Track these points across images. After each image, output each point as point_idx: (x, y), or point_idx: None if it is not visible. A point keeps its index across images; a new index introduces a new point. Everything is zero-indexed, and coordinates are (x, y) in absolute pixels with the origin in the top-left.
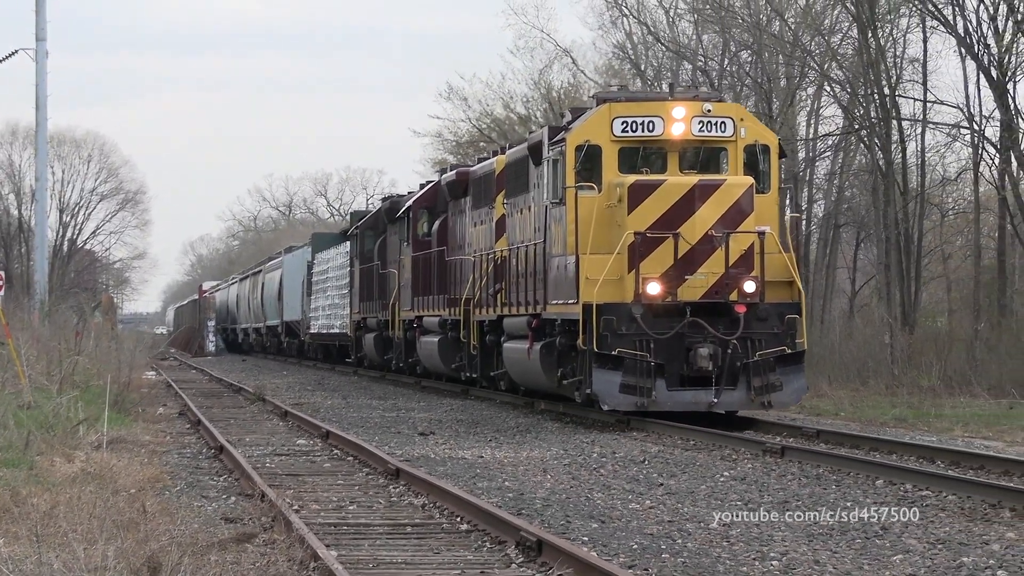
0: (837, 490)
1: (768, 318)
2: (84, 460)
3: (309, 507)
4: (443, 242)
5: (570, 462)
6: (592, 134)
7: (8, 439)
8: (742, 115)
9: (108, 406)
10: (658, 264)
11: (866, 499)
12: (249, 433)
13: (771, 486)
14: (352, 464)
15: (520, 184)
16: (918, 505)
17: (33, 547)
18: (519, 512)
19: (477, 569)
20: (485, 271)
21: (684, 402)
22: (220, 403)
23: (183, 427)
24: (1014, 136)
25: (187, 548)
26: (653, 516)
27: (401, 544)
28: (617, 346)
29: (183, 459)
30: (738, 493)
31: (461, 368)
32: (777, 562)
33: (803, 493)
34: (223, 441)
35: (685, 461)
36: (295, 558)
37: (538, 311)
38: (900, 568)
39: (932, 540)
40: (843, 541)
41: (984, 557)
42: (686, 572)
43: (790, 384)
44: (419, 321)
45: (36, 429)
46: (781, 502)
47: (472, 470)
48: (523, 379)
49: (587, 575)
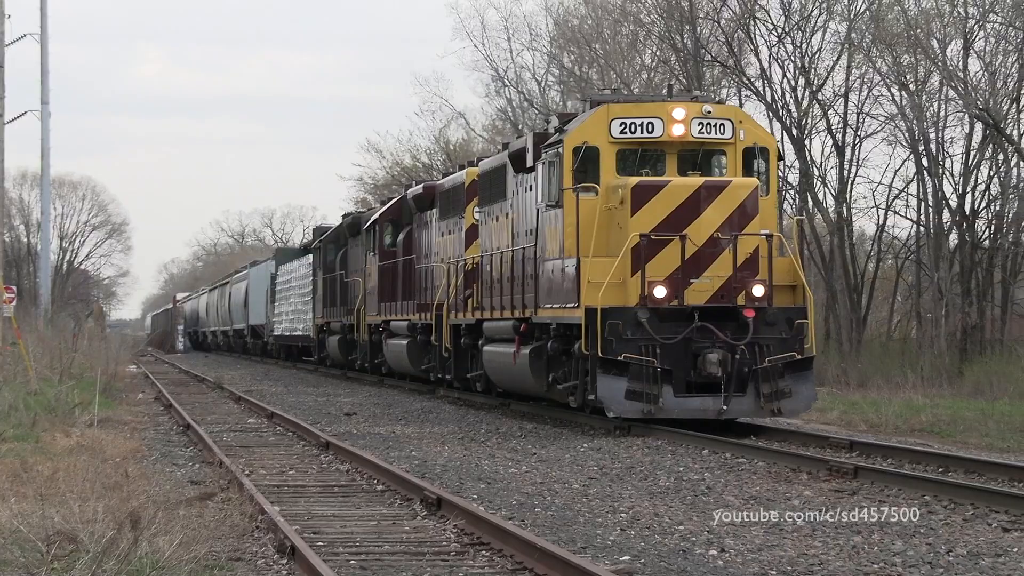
0: (672, 458)
1: (776, 323)
2: (79, 435)
3: (257, 472)
4: (409, 251)
5: (463, 436)
6: (590, 135)
7: (18, 419)
8: (741, 117)
9: (98, 393)
10: (663, 267)
11: (695, 465)
12: (210, 414)
13: (620, 455)
14: (291, 438)
15: (496, 192)
16: (735, 470)
17: (38, 504)
18: (423, 476)
19: (390, 520)
20: (460, 277)
21: (692, 409)
22: (187, 390)
23: (158, 409)
24: (809, 181)
25: (161, 504)
26: (528, 479)
27: (330, 501)
28: (622, 351)
29: (158, 434)
30: (595, 460)
31: (431, 369)
32: (625, 514)
33: (645, 460)
34: (190, 420)
35: (553, 435)
36: (246, 512)
37: (526, 315)
38: (721, 518)
39: (746, 497)
40: (677, 498)
41: (786, 510)
42: (554, 522)
43: (799, 391)
44: (386, 325)
45: (41, 411)
46: (628, 468)
47: (386, 443)
48: (505, 382)
49: (476, 525)
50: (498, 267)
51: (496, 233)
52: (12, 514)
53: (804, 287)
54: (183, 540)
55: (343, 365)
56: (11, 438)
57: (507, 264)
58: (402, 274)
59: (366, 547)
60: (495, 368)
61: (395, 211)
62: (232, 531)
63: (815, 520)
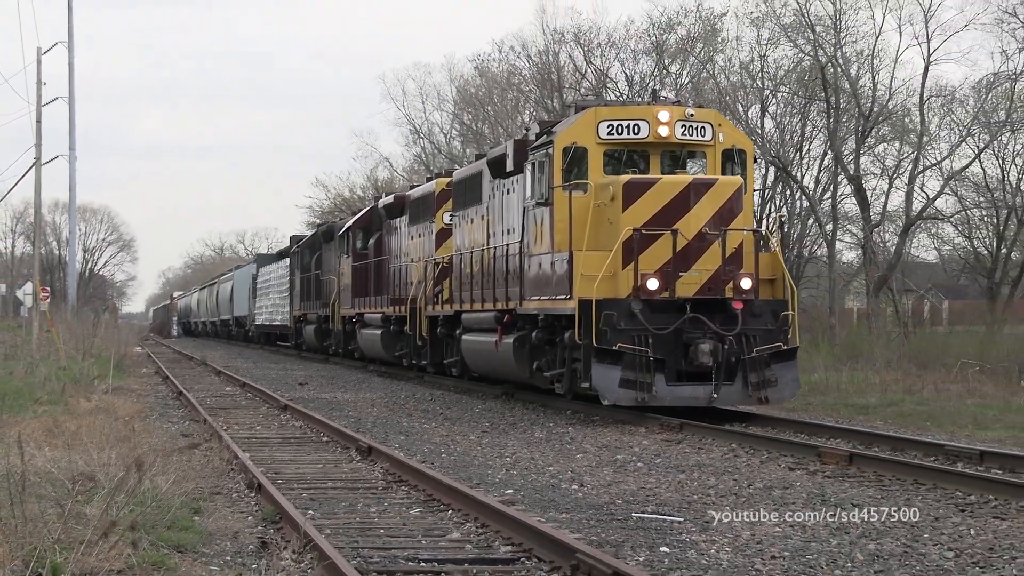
0: (544, 416)
1: (762, 314)
2: (97, 400)
3: (232, 428)
4: (379, 253)
5: (388, 401)
6: (579, 136)
7: (51, 387)
8: (720, 120)
9: (112, 368)
10: (654, 260)
11: (562, 422)
12: (197, 384)
13: (506, 414)
14: (258, 402)
15: (471, 197)
16: (592, 425)
17: (66, 452)
18: (358, 430)
19: (332, 463)
20: (436, 274)
21: (683, 397)
22: (180, 366)
23: (157, 380)
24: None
25: (159, 452)
26: (437, 432)
27: (287, 449)
28: (617, 341)
29: (157, 399)
30: (487, 419)
31: (404, 356)
32: (509, 459)
33: (525, 418)
34: (181, 388)
35: (456, 400)
36: (224, 458)
37: (510, 307)
38: (581, 461)
39: (599, 445)
40: (548, 447)
41: (629, 455)
42: (456, 465)
43: (784, 379)
44: (359, 317)
45: (68, 381)
46: (511, 424)
47: (330, 405)
48: (485, 369)
49: (398, 467)
50: (478, 264)
51: (471, 233)
52: (46, 459)
53: (788, 280)
54: (176, 479)
55: (318, 350)
56: (45, 402)
57: (488, 260)
58: (374, 273)
59: (314, 483)
60: (475, 356)
61: (366, 219)
62: (213, 472)
63: (651, 462)
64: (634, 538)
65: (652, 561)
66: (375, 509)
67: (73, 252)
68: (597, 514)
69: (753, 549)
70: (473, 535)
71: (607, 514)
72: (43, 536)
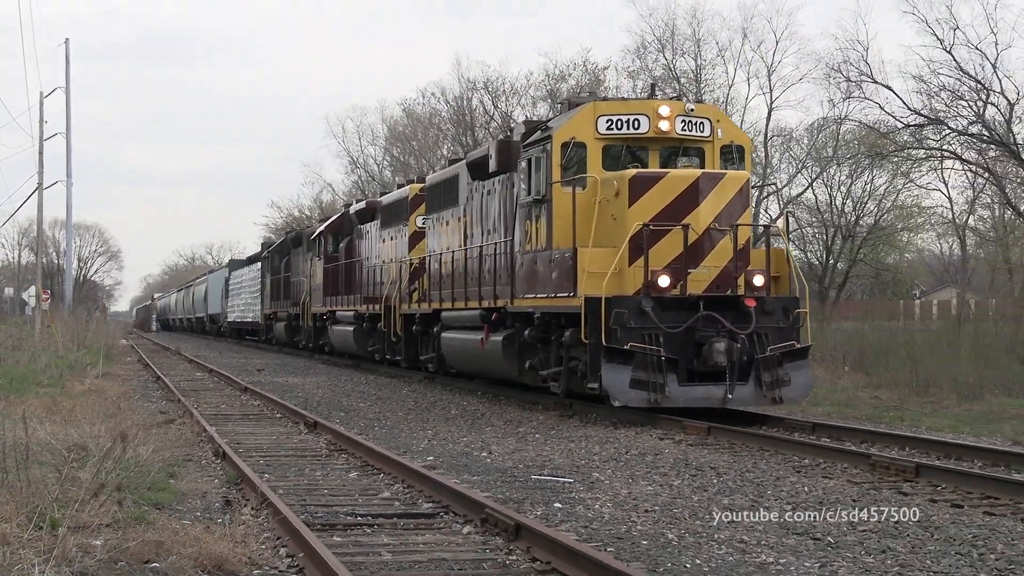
0: (460, 396)
1: (773, 312)
2: (89, 383)
3: (202, 406)
4: (350, 256)
5: (331, 384)
6: (577, 131)
7: (51, 373)
8: (718, 116)
9: (101, 357)
10: (663, 257)
11: (474, 401)
12: (172, 370)
13: (428, 395)
14: (223, 385)
15: (447, 199)
16: (499, 404)
17: (63, 426)
18: (305, 408)
19: (285, 435)
20: (409, 274)
21: (696, 398)
22: (158, 355)
23: (140, 367)
24: None
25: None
26: (371, 410)
27: (247, 423)
28: (627, 340)
29: (139, 383)
30: (411, 399)
31: (376, 351)
32: (430, 432)
33: (443, 399)
34: (159, 374)
35: (387, 383)
36: (195, 431)
37: (498, 305)
38: (489, 433)
39: (505, 420)
40: (461, 421)
41: (529, 428)
42: (386, 437)
43: (797, 379)
44: (331, 314)
45: (65, 368)
46: (432, 403)
47: (283, 388)
48: (468, 366)
49: (338, 438)
50: (460, 263)
51: (448, 235)
52: (47, 433)
53: (799, 276)
54: (155, 448)
55: (288, 344)
56: (46, 385)
57: (470, 260)
58: (345, 273)
59: (269, 452)
60: (456, 353)
61: (337, 225)
62: (186, 443)
63: (547, 434)
64: (533, 496)
65: (547, 515)
66: (320, 473)
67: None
68: (503, 476)
69: (630, 504)
70: (401, 494)
71: (511, 476)
72: (44, 496)
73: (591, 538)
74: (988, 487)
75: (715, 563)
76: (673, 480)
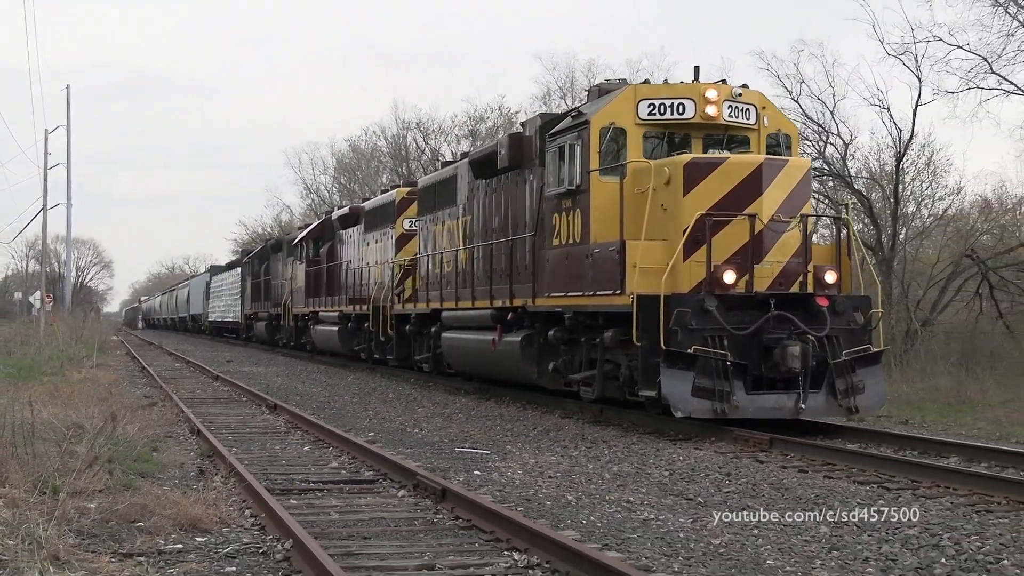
0: (396, 383)
1: (844, 312)
2: (85, 373)
3: (180, 391)
4: (332, 259)
5: (288, 372)
6: (617, 116)
7: (53, 364)
8: (764, 103)
9: (96, 350)
10: (723, 251)
11: (408, 387)
12: (156, 361)
13: (369, 382)
14: (198, 373)
15: (443, 200)
16: (428, 389)
17: (63, 408)
18: (268, 392)
19: (250, 415)
20: (399, 274)
21: (766, 408)
22: (144, 349)
23: (128, 359)
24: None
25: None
26: (322, 394)
27: (219, 406)
28: (690, 343)
29: (128, 372)
30: (356, 385)
31: (363, 350)
32: (371, 412)
33: (382, 384)
34: (144, 364)
35: (336, 372)
36: (175, 413)
37: (515, 304)
38: (420, 413)
39: (433, 403)
40: (397, 403)
41: (454, 410)
42: (336, 416)
43: (872, 386)
44: (314, 315)
45: (65, 360)
46: (372, 388)
47: (248, 376)
48: (476, 367)
49: (294, 417)
50: (463, 262)
51: (445, 235)
52: (49, 414)
53: (872, 273)
54: (140, 427)
55: (269, 343)
56: (49, 373)
57: (479, 259)
58: (327, 276)
59: (237, 429)
60: (462, 354)
61: (318, 231)
62: (167, 422)
63: (468, 414)
64: (456, 465)
65: (468, 481)
66: (279, 447)
67: (69, 270)
68: (431, 449)
69: (536, 472)
70: (346, 464)
71: (438, 449)
72: (47, 466)
73: (504, 499)
74: (830, 455)
75: (606, 520)
76: (571, 451)
